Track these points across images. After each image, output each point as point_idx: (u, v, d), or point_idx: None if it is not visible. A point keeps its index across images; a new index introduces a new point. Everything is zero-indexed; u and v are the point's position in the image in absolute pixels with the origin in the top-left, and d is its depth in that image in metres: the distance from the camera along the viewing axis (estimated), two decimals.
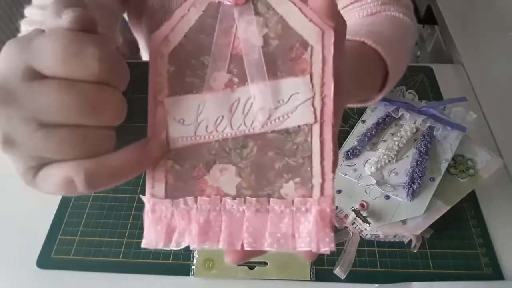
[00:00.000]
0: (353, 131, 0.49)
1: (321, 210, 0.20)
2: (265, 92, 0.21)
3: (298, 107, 0.21)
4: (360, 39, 0.41)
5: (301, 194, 0.21)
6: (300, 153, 0.21)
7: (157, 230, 0.22)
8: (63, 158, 0.20)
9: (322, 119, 0.21)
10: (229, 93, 0.22)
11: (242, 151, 0.22)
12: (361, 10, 0.51)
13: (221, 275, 0.43)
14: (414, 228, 0.42)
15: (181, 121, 0.22)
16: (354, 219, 0.43)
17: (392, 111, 0.49)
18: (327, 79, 0.21)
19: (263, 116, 0.22)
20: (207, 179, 0.22)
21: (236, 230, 0.21)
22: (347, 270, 0.43)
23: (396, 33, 0.47)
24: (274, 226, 0.21)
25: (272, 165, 0.21)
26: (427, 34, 1.07)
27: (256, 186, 0.21)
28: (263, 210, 0.21)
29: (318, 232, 0.20)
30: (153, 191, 0.22)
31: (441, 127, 0.47)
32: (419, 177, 0.43)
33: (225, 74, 0.22)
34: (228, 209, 0.21)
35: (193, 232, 0.21)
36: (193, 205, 0.22)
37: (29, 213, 0.49)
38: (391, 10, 0.51)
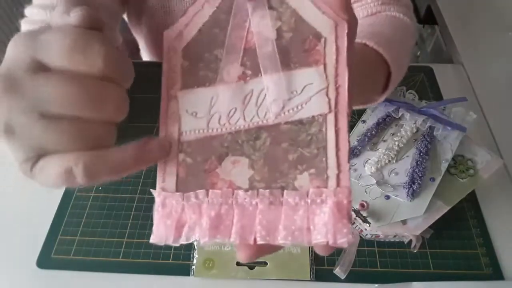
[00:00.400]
0: (353, 131, 0.49)
1: (337, 201, 0.19)
2: (279, 83, 0.21)
3: (312, 97, 0.21)
4: (361, 41, 0.41)
5: (316, 186, 0.20)
6: (315, 143, 0.21)
7: (167, 225, 0.21)
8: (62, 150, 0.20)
9: (337, 109, 0.20)
10: (242, 85, 0.22)
11: (255, 143, 0.21)
12: (361, 10, 0.52)
13: (221, 275, 0.43)
14: (414, 228, 0.42)
15: (193, 114, 0.22)
16: (354, 219, 0.43)
17: (392, 111, 0.49)
18: (341, 70, 0.21)
19: (277, 107, 0.21)
20: (219, 172, 0.22)
21: (249, 224, 0.20)
22: (347, 270, 0.43)
23: (397, 33, 0.47)
24: (288, 219, 0.20)
25: (286, 157, 0.21)
26: (427, 34, 1.07)
27: (270, 178, 0.21)
28: (277, 202, 0.20)
29: (335, 224, 0.19)
30: (164, 185, 0.22)
31: (441, 127, 0.47)
32: (419, 177, 0.43)
33: (238, 67, 0.22)
34: (241, 202, 0.21)
35: (203, 225, 0.21)
36: (204, 198, 0.21)
37: (29, 214, 0.49)
38: (391, 10, 0.51)
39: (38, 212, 0.49)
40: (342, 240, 0.19)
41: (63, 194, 0.51)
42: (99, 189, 0.51)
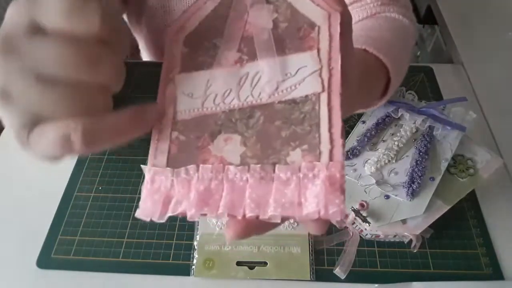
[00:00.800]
0: (353, 131, 0.49)
1: (330, 175, 0.19)
2: (273, 66, 0.22)
3: (306, 78, 0.21)
4: (361, 46, 0.41)
5: (309, 161, 0.20)
6: (308, 121, 0.21)
7: (154, 200, 0.21)
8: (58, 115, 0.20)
9: (330, 89, 0.21)
10: (238, 68, 0.23)
11: (249, 121, 0.22)
12: (360, 11, 0.51)
13: (221, 275, 0.43)
14: (414, 228, 0.42)
15: (189, 94, 0.23)
16: (354, 219, 0.43)
17: (391, 111, 0.49)
18: (334, 54, 0.21)
19: (271, 88, 0.22)
20: (211, 149, 0.22)
21: (238, 198, 0.20)
22: (347, 270, 0.43)
23: (396, 37, 0.47)
24: (279, 193, 0.20)
25: (279, 134, 0.21)
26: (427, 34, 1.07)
27: (262, 155, 0.21)
28: (268, 178, 0.20)
29: (326, 195, 0.19)
30: (155, 161, 0.22)
31: (440, 127, 0.47)
32: (419, 177, 0.43)
33: (235, 53, 0.23)
34: (231, 177, 0.21)
35: (191, 199, 0.20)
36: (195, 174, 0.21)
37: (29, 213, 0.49)
38: (390, 11, 0.51)
39: (38, 212, 0.49)
40: (333, 210, 0.18)
41: (63, 194, 0.51)
42: (99, 189, 0.51)
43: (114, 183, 0.52)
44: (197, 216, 0.20)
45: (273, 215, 0.19)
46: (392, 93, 0.45)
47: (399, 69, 0.44)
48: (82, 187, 0.51)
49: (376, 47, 0.41)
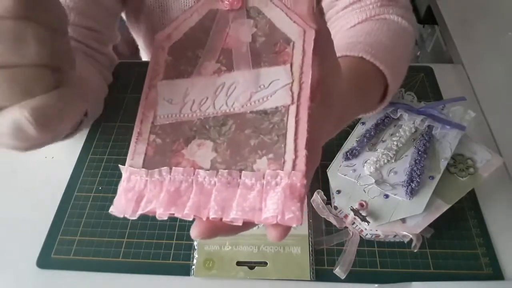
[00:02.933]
0: (353, 133, 0.49)
1: (291, 183, 0.20)
2: (248, 78, 0.23)
3: (277, 91, 0.23)
4: (358, 54, 0.41)
5: (273, 169, 0.21)
6: (276, 131, 0.22)
7: (127, 198, 0.22)
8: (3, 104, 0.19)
9: (299, 102, 0.22)
10: (215, 78, 0.24)
11: (221, 128, 0.23)
12: (360, 12, 0.51)
13: (221, 275, 0.43)
14: (413, 227, 0.42)
15: (169, 100, 0.24)
16: (354, 219, 0.43)
17: (390, 112, 0.49)
18: (305, 68, 0.23)
19: (244, 98, 0.23)
20: (184, 153, 0.23)
21: (204, 200, 0.21)
22: (347, 270, 0.43)
23: (395, 40, 0.47)
24: (242, 197, 0.21)
25: (248, 142, 0.22)
26: (427, 34, 1.07)
27: (230, 161, 0.22)
28: (234, 183, 0.22)
29: (285, 202, 0.20)
30: (132, 162, 0.23)
31: (440, 126, 0.47)
32: (418, 176, 0.43)
33: (214, 63, 0.24)
34: (200, 181, 0.22)
35: (161, 198, 0.22)
36: (167, 175, 0.22)
37: (30, 213, 0.49)
38: (389, 12, 0.51)
39: (38, 212, 0.49)
40: (289, 216, 0.19)
41: (63, 194, 0.51)
42: (99, 189, 0.51)
43: (114, 183, 0.52)
44: (165, 215, 0.21)
45: (235, 218, 0.20)
46: (391, 98, 0.46)
47: (397, 74, 0.44)
48: (82, 187, 0.51)
49: (373, 54, 0.41)
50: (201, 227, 0.21)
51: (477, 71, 0.65)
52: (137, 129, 0.24)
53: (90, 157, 0.54)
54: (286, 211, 0.20)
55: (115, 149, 0.55)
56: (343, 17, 0.53)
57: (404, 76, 0.48)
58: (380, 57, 0.42)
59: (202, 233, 0.21)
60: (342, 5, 0.53)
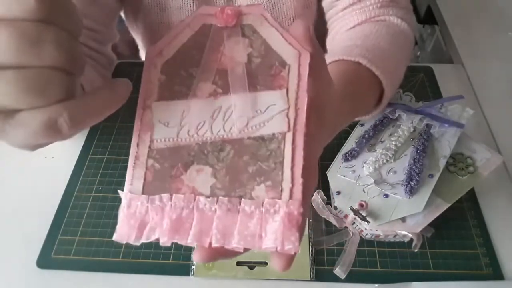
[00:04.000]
0: (352, 134, 0.50)
1: (289, 212, 0.21)
2: (245, 102, 0.23)
3: (274, 117, 0.23)
4: (355, 59, 0.41)
5: (271, 197, 0.22)
6: (273, 158, 0.22)
7: (130, 225, 0.22)
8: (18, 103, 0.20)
9: (295, 129, 0.22)
10: (212, 101, 0.24)
11: (219, 154, 0.23)
12: (359, 13, 0.51)
13: (221, 275, 0.43)
14: (413, 226, 0.42)
15: (165, 123, 0.24)
16: (354, 219, 0.43)
17: (389, 112, 0.49)
18: (301, 94, 0.23)
19: (241, 123, 0.23)
20: (184, 179, 0.23)
21: (206, 227, 0.22)
22: (347, 270, 0.43)
23: (393, 44, 0.47)
24: (243, 225, 0.21)
25: (246, 169, 0.23)
26: (427, 34, 1.07)
27: (230, 187, 0.22)
28: (234, 210, 0.22)
29: (284, 232, 0.20)
30: (131, 187, 0.23)
31: (438, 125, 0.47)
32: (417, 174, 0.43)
33: (210, 85, 0.24)
34: (201, 207, 0.22)
35: (164, 227, 0.22)
36: (168, 202, 0.23)
37: (29, 213, 0.49)
38: (389, 14, 0.51)
39: (38, 212, 0.49)
40: (289, 246, 0.20)
41: (63, 194, 0.51)
42: (99, 189, 0.51)
43: (114, 183, 0.52)
44: (168, 243, 0.22)
45: (237, 247, 0.21)
46: (386, 103, 0.46)
47: (393, 79, 0.44)
48: (82, 187, 0.51)
49: (370, 59, 0.41)
50: (203, 253, 0.22)
51: (477, 71, 0.65)
52: (134, 152, 0.24)
53: (90, 157, 0.54)
54: (285, 241, 0.20)
55: (115, 149, 0.55)
56: (343, 18, 0.53)
57: (401, 80, 0.48)
58: (377, 62, 0.42)
59: (204, 258, 0.22)
60: (342, 5, 0.53)
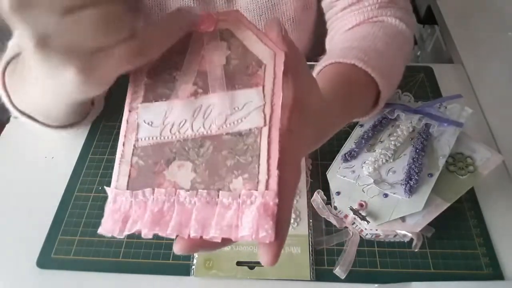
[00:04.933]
0: (351, 135, 0.50)
1: (264, 202, 0.22)
2: (223, 100, 0.25)
3: (251, 113, 0.24)
4: (351, 61, 0.42)
5: (248, 188, 0.23)
6: (250, 152, 0.24)
7: (114, 219, 0.24)
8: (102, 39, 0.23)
9: (271, 123, 0.24)
10: (193, 101, 0.25)
11: (200, 150, 0.24)
12: (358, 14, 0.52)
13: (221, 275, 0.43)
14: (413, 226, 0.42)
15: (150, 123, 0.25)
16: (354, 219, 0.43)
17: (387, 112, 0.49)
18: (276, 91, 0.24)
19: (220, 120, 0.25)
20: (166, 174, 0.24)
21: (185, 219, 0.23)
22: (347, 270, 0.43)
23: (390, 45, 0.48)
24: (220, 216, 0.22)
25: (225, 163, 0.24)
26: (427, 34, 1.07)
27: (209, 181, 0.24)
28: (213, 202, 0.23)
29: (259, 221, 0.21)
30: (117, 184, 0.25)
31: (437, 124, 0.47)
32: (416, 173, 0.43)
33: (191, 86, 0.26)
34: (181, 201, 0.23)
35: (145, 219, 0.23)
36: (150, 196, 0.24)
37: (29, 213, 0.49)
38: (388, 14, 0.51)
39: (38, 212, 0.49)
40: (263, 234, 0.21)
41: (63, 194, 0.51)
42: (99, 189, 0.51)
43: None
44: (150, 235, 0.23)
45: (214, 237, 0.22)
46: (383, 104, 0.46)
47: (389, 80, 0.45)
48: (82, 187, 0.51)
49: (366, 62, 0.42)
50: (183, 244, 0.22)
51: (477, 71, 0.65)
52: (120, 151, 0.26)
53: (90, 157, 0.54)
54: (260, 229, 0.21)
55: (115, 149, 0.55)
56: (341, 18, 0.54)
57: (399, 80, 0.48)
58: (373, 64, 0.42)
59: (183, 249, 0.23)
60: (341, 6, 0.53)
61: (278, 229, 0.22)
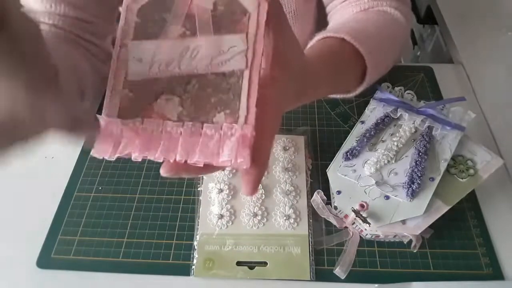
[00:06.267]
0: (352, 132, 0.49)
1: (243, 134, 0.25)
2: (210, 43, 0.27)
3: (234, 56, 0.26)
4: (340, 35, 0.44)
5: (229, 122, 0.26)
6: (232, 91, 0.26)
7: (106, 143, 0.26)
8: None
9: (252, 67, 0.26)
10: (181, 41, 0.27)
11: (186, 86, 0.27)
12: (355, 5, 0.53)
13: (221, 275, 0.43)
14: (414, 228, 0.42)
15: (139, 60, 0.27)
16: (354, 219, 0.43)
17: (390, 111, 0.49)
18: (258, 38, 0.27)
19: (206, 61, 0.27)
20: (154, 106, 0.27)
21: (172, 146, 0.25)
22: (347, 270, 0.43)
23: (381, 28, 0.50)
24: (204, 145, 0.25)
25: (209, 99, 0.26)
26: (427, 34, 1.07)
27: (194, 115, 0.26)
28: (197, 132, 0.26)
29: (238, 149, 0.25)
30: (108, 112, 0.27)
31: (440, 127, 0.47)
32: (419, 177, 0.43)
33: (180, 28, 0.27)
34: (169, 130, 0.26)
35: (135, 144, 0.26)
36: (140, 125, 0.26)
37: (29, 213, 0.49)
38: (383, 5, 0.53)
39: (38, 212, 0.49)
40: (240, 160, 0.24)
41: (63, 194, 0.51)
42: (99, 189, 0.51)
43: (114, 183, 0.52)
44: (139, 158, 0.25)
45: (197, 161, 0.25)
46: (372, 81, 0.48)
47: (377, 57, 0.47)
48: (82, 187, 0.51)
49: (354, 37, 0.44)
50: (169, 166, 0.25)
51: (477, 71, 0.65)
52: (110, 84, 0.27)
53: (90, 157, 0.54)
54: (238, 156, 0.24)
55: None
56: (340, 11, 0.55)
57: (390, 63, 0.50)
58: (360, 39, 0.44)
59: (169, 171, 0.26)
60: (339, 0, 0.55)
61: (256, 158, 0.25)
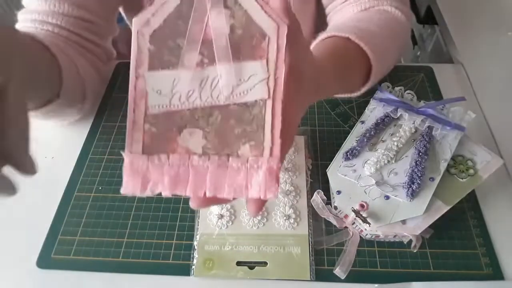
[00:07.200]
0: (352, 132, 0.49)
1: (269, 167, 0.25)
2: (230, 72, 0.26)
3: (256, 85, 0.26)
4: (345, 35, 0.44)
5: (254, 154, 0.26)
6: (256, 122, 0.26)
7: (134, 180, 0.26)
8: None
9: (274, 96, 0.26)
10: (200, 71, 0.26)
11: (209, 118, 0.26)
12: (355, 5, 0.54)
13: (221, 275, 0.43)
14: (413, 228, 0.42)
15: (158, 91, 0.26)
16: (354, 219, 0.43)
17: (390, 111, 0.49)
18: (279, 64, 0.26)
19: (227, 91, 0.26)
20: (178, 140, 0.26)
21: (200, 181, 0.26)
22: (347, 270, 0.43)
23: (383, 27, 0.50)
24: (231, 179, 0.26)
25: (233, 131, 0.26)
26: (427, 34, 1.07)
27: (219, 147, 0.26)
28: (224, 166, 0.26)
29: (266, 183, 0.25)
30: (132, 149, 0.26)
31: (440, 127, 0.47)
32: (419, 177, 0.43)
33: (197, 55, 0.26)
34: (195, 165, 0.26)
35: (165, 182, 0.26)
36: (166, 161, 0.26)
37: (29, 214, 0.49)
38: (384, 4, 0.53)
39: (38, 212, 0.49)
40: (270, 195, 0.25)
41: (63, 194, 0.51)
42: (99, 189, 0.51)
43: (114, 183, 0.52)
44: (170, 195, 0.26)
45: (227, 196, 0.25)
46: (376, 80, 0.49)
47: (382, 57, 0.47)
48: (82, 187, 0.51)
49: (358, 36, 0.44)
50: (198, 201, 0.26)
51: (477, 71, 0.65)
52: (131, 118, 0.26)
53: (90, 157, 0.54)
54: (267, 191, 0.25)
55: (115, 149, 0.55)
56: (340, 11, 0.56)
57: (392, 62, 0.50)
58: (365, 39, 0.44)
59: (199, 205, 0.26)
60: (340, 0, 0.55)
61: None
